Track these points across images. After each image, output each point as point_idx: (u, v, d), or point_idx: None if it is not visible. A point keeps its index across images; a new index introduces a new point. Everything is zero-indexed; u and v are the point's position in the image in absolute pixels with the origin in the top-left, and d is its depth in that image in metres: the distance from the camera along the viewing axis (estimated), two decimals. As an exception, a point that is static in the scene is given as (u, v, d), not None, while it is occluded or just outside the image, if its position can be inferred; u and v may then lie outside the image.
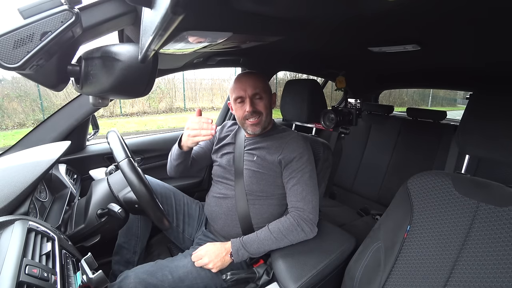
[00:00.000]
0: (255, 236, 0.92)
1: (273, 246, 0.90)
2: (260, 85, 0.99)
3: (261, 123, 1.01)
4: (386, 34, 0.80)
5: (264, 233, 0.91)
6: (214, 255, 0.89)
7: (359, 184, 1.94)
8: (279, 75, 8.59)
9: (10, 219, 0.56)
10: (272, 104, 1.05)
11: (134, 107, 8.36)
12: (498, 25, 0.60)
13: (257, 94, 0.98)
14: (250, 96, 0.98)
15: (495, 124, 0.67)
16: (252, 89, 0.97)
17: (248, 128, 1.01)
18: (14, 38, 0.43)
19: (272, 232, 0.91)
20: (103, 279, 0.54)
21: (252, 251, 0.89)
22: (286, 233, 0.90)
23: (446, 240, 0.68)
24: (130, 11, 0.63)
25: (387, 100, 9.15)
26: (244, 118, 1.00)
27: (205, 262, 0.88)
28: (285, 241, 0.90)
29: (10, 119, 6.78)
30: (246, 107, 0.97)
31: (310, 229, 0.91)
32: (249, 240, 0.91)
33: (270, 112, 1.04)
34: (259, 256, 0.93)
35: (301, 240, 0.92)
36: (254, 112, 0.98)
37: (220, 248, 0.91)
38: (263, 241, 0.90)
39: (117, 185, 0.87)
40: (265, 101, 1.00)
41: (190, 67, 1.33)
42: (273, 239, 0.90)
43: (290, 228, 0.90)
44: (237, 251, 0.89)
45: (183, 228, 1.12)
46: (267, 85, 1.03)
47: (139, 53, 0.44)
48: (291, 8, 0.58)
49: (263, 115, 1.00)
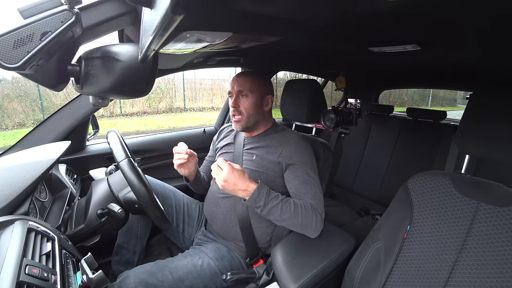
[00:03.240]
0: (279, 196, 0.85)
1: (285, 216, 0.83)
2: (248, 84, 0.99)
3: (242, 122, 1.00)
4: (386, 34, 0.80)
5: (287, 200, 0.86)
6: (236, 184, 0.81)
7: (359, 184, 1.94)
8: (279, 75, 8.59)
9: (10, 219, 0.56)
10: (265, 105, 1.03)
11: (134, 107, 8.36)
12: (499, 25, 0.60)
13: (241, 91, 0.99)
14: (235, 92, 1.00)
15: (495, 124, 0.66)
16: (238, 86, 1.00)
17: (233, 124, 1.04)
18: (14, 38, 0.43)
19: (295, 203, 0.85)
20: (103, 279, 0.54)
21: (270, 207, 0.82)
22: (303, 212, 0.85)
23: (446, 240, 0.68)
24: (130, 11, 0.63)
25: (387, 100, 9.15)
26: (231, 114, 1.02)
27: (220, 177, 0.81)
28: (298, 220, 0.84)
29: (10, 119, 6.78)
30: (231, 103, 1.01)
31: (319, 226, 0.88)
32: (273, 196, 0.84)
33: (255, 113, 1.00)
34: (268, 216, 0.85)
35: (305, 231, 0.88)
36: (235, 109, 1.00)
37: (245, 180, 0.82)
38: (284, 206, 0.84)
39: (117, 185, 0.87)
40: (250, 101, 0.99)
41: (190, 67, 1.33)
42: (292, 210, 0.84)
43: (308, 211, 0.86)
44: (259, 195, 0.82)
45: (183, 228, 1.12)
46: (258, 86, 1.00)
47: (139, 53, 0.44)
48: (291, 8, 0.58)
49: (244, 115, 0.99)
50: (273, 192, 0.86)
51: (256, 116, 1.02)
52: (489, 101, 0.69)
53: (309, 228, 0.87)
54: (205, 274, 0.90)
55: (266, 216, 0.85)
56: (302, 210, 0.85)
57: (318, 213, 0.88)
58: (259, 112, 1.02)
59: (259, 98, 1.01)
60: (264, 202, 0.82)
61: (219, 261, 0.95)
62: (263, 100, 1.02)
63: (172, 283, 0.84)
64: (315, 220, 0.86)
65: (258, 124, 1.04)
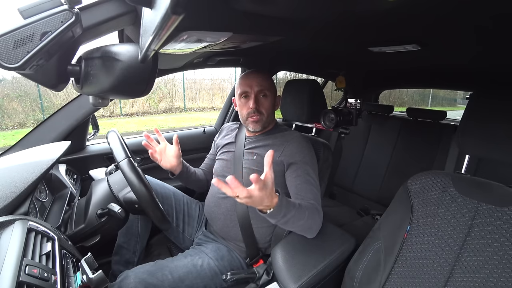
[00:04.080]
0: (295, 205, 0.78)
1: (298, 223, 0.79)
2: (267, 83, 1.00)
3: (262, 122, 1.01)
4: (386, 34, 0.80)
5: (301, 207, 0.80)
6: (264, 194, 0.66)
7: (359, 184, 1.94)
8: (279, 75, 8.58)
9: (10, 219, 0.56)
10: (276, 105, 1.06)
11: (134, 107, 8.35)
12: (499, 24, 0.60)
13: (262, 91, 0.99)
14: (255, 93, 0.99)
15: (495, 124, 0.66)
16: (258, 86, 0.98)
17: (250, 124, 1.02)
18: (14, 38, 0.43)
19: (306, 208, 0.81)
20: (103, 279, 0.54)
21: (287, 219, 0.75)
22: (311, 215, 0.82)
23: (446, 240, 0.68)
24: (130, 11, 0.63)
25: (387, 100, 9.14)
26: (248, 114, 1.00)
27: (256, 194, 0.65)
28: (306, 224, 0.81)
29: (10, 119, 6.78)
30: (250, 103, 0.98)
31: (319, 227, 0.87)
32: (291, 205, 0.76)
33: (272, 112, 1.04)
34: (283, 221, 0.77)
35: (307, 233, 0.86)
36: (256, 110, 0.99)
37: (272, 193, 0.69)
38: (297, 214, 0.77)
39: (117, 185, 0.87)
40: (270, 100, 1.01)
41: (190, 67, 1.33)
42: (305, 217, 0.79)
43: (314, 213, 0.83)
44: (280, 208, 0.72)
45: (183, 228, 1.12)
46: (273, 85, 1.04)
47: (139, 53, 0.44)
48: (291, 8, 0.58)
49: (264, 115, 1.00)
50: (290, 201, 0.78)
51: (272, 116, 1.05)
52: (489, 101, 0.69)
53: (313, 229, 0.86)
54: (205, 274, 0.90)
55: (282, 226, 0.79)
56: (311, 214, 0.83)
57: (321, 214, 0.88)
58: (273, 112, 1.05)
59: (274, 97, 1.03)
60: (283, 214, 0.74)
61: (219, 261, 0.95)
62: (275, 100, 1.05)
63: (172, 283, 0.84)
64: (318, 222, 0.86)
65: (272, 123, 1.07)
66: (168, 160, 1.05)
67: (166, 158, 1.05)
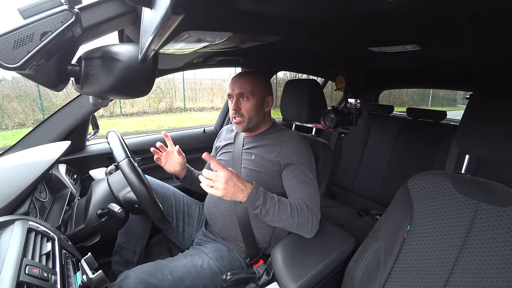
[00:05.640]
0: (275, 197, 0.84)
1: (282, 216, 0.82)
2: (248, 86, 0.98)
3: (243, 124, 1.00)
4: (386, 34, 0.80)
5: (283, 200, 0.85)
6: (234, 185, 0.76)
7: (359, 184, 1.94)
8: (279, 75, 8.59)
9: (10, 219, 0.56)
10: (266, 106, 1.03)
11: (134, 107, 8.35)
12: (499, 24, 0.60)
13: (242, 94, 0.98)
14: (236, 95, 0.99)
15: (495, 124, 0.66)
16: (238, 89, 0.99)
17: (234, 125, 1.04)
18: (14, 38, 0.43)
19: (291, 204, 0.85)
20: (103, 279, 0.54)
21: (268, 207, 0.80)
22: (300, 213, 0.84)
23: (446, 240, 0.68)
24: (130, 11, 0.63)
25: (387, 100, 9.15)
26: (232, 115, 1.02)
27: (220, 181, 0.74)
28: (294, 220, 0.83)
29: (10, 119, 6.78)
30: (232, 105, 1.00)
31: (315, 226, 0.87)
32: (270, 196, 0.83)
33: (256, 114, 1.01)
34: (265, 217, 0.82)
35: (301, 232, 0.88)
36: (236, 112, 0.99)
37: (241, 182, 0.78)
38: (280, 206, 0.82)
39: (117, 185, 0.87)
40: (252, 103, 0.98)
41: (190, 67, 1.33)
42: (288, 211, 0.83)
43: (304, 211, 0.85)
44: (254, 196, 0.79)
45: (183, 228, 1.12)
46: (258, 87, 0.99)
47: (139, 53, 0.44)
48: (291, 8, 0.59)
49: (246, 117, 0.99)
50: (269, 192, 0.84)
51: (257, 118, 1.02)
52: (489, 101, 0.69)
53: (305, 228, 0.86)
54: (205, 274, 0.90)
55: (263, 218, 0.83)
56: (298, 211, 0.84)
57: (314, 213, 0.87)
58: (260, 113, 1.02)
59: (260, 100, 1.01)
60: (262, 201, 0.80)
61: (219, 261, 0.95)
62: (263, 102, 1.02)
63: (172, 283, 0.84)
64: (311, 221, 0.86)
65: (259, 125, 1.05)
66: (172, 165, 1.07)
67: (171, 163, 1.07)
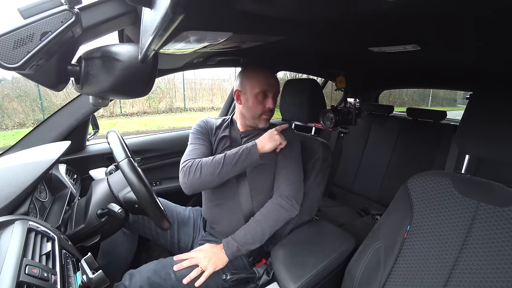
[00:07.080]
0: (241, 230, 0.94)
1: (257, 229, 0.91)
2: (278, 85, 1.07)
3: (269, 119, 1.09)
4: (386, 34, 0.80)
5: (249, 221, 0.95)
6: (209, 252, 0.90)
7: (359, 184, 1.94)
8: (279, 75, 8.54)
9: (10, 219, 0.56)
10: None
11: (134, 107, 8.36)
12: (499, 24, 0.60)
13: (278, 91, 1.06)
14: (275, 92, 1.04)
15: (495, 124, 0.66)
16: (277, 87, 1.04)
17: (262, 122, 1.06)
18: (14, 38, 0.43)
19: (255, 216, 0.94)
20: (103, 279, 0.54)
21: (239, 239, 0.90)
22: (267, 213, 0.93)
23: (446, 240, 0.68)
24: (130, 11, 0.63)
25: (387, 100, 9.14)
26: (263, 112, 1.04)
27: (200, 257, 0.88)
28: (268, 222, 0.92)
29: (10, 119, 6.78)
30: (269, 103, 1.03)
31: (289, 205, 0.94)
32: (237, 234, 0.93)
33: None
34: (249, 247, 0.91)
35: (286, 219, 0.95)
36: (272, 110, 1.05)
37: (213, 246, 0.93)
38: (247, 227, 0.93)
39: (117, 185, 0.87)
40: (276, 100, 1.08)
41: (190, 67, 1.33)
42: (256, 221, 0.93)
43: (270, 207, 0.94)
44: (227, 243, 0.91)
45: (178, 239, 1.10)
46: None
47: (139, 53, 0.44)
48: (291, 8, 0.58)
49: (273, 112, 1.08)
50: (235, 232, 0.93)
51: None
52: (489, 101, 0.69)
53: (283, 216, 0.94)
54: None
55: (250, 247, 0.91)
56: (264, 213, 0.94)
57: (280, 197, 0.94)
58: None
59: None
60: (233, 239, 0.91)
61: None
62: None
63: (174, 282, 0.84)
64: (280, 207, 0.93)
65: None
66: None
67: None
